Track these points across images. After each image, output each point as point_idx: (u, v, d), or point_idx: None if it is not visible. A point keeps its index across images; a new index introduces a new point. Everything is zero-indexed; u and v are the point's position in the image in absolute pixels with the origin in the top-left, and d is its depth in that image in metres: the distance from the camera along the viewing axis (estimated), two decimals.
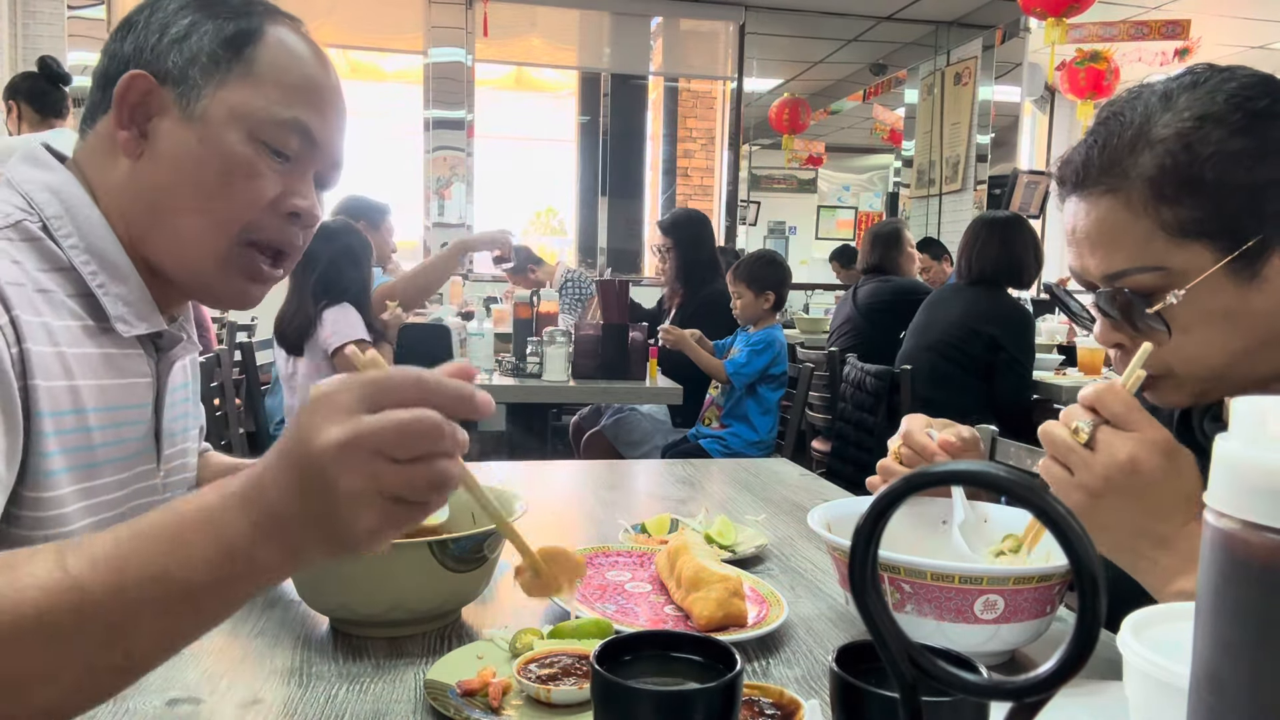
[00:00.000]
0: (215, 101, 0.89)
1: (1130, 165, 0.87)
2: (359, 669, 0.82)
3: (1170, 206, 0.85)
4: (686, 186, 7.87)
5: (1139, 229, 0.87)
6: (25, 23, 5.51)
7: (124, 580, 0.55)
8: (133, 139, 0.89)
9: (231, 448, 3.13)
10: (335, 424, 0.55)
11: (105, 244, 0.88)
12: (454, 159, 6.32)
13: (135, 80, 0.87)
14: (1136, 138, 0.87)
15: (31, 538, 0.79)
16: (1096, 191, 0.89)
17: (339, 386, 0.56)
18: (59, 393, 0.82)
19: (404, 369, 0.57)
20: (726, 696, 0.55)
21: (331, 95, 0.95)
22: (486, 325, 3.29)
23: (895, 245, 4.25)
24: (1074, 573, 0.38)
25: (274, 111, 0.90)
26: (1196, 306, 0.86)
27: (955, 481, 0.42)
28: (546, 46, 7.07)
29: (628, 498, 1.49)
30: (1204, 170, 0.84)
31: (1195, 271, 0.85)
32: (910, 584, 0.82)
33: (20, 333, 0.78)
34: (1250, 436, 0.33)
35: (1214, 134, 0.85)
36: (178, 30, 0.89)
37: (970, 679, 0.43)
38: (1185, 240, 0.85)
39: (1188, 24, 5.95)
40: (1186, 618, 0.37)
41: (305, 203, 0.94)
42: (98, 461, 0.88)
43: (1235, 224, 0.84)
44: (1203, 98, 0.87)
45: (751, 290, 3.47)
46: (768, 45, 7.28)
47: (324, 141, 0.94)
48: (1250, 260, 0.85)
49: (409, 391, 0.56)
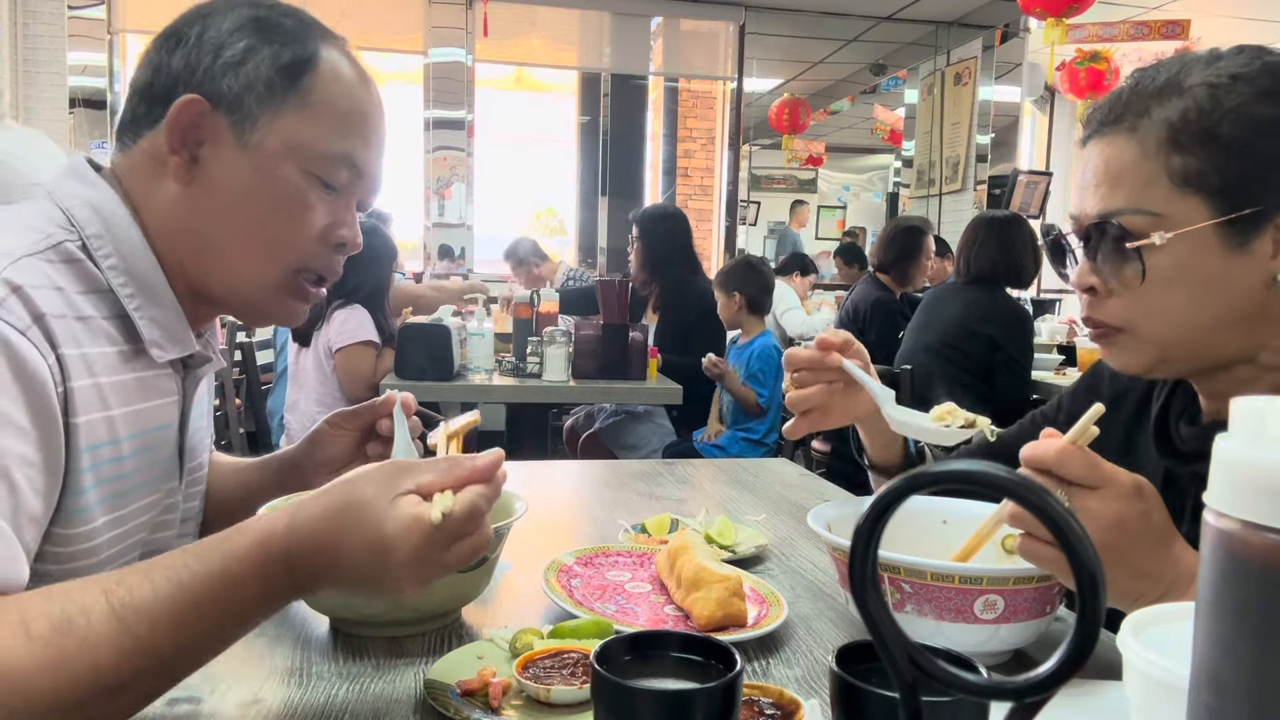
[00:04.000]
0: (271, 132, 0.88)
1: (1155, 107, 0.87)
2: (359, 669, 0.82)
3: (1181, 154, 0.85)
4: (686, 186, 7.87)
5: (1145, 170, 0.87)
6: (25, 23, 5.51)
7: (189, 640, 0.65)
8: (183, 164, 0.87)
9: (231, 447, 3.13)
10: (419, 580, 0.69)
11: (143, 265, 0.87)
12: (454, 159, 6.32)
13: (189, 105, 0.85)
14: (1169, 84, 0.88)
15: (60, 573, 0.79)
16: (1116, 129, 0.90)
17: (419, 541, 0.68)
18: (97, 425, 0.81)
19: (468, 509, 0.70)
20: (726, 696, 0.55)
21: (378, 124, 0.96)
22: (487, 325, 3.29)
23: (912, 257, 4.15)
24: (1074, 573, 0.38)
25: (327, 146, 0.90)
26: (1176, 257, 0.86)
27: (955, 481, 0.42)
28: (546, 46, 7.07)
29: (628, 498, 1.49)
30: (1222, 124, 0.84)
31: (1187, 224, 0.85)
32: (910, 584, 0.82)
33: (66, 370, 0.77)
34: (1250, 437, 0.33)
35: (1242, 91, 0.85)
36: (233, 54, 0.87)
37: (970, 679, 0.43)
38: (1186, 191, 0.85)
39: (1188, 24, 5.95)
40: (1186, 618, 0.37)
41: (350, 233, 0.95)
42: (129, 489, 0.87)
43: (1238, 186, 0.84)
44: (1244, 61, 0.87)
45: (723, 292, 3.57)
46: (768, 45, 7.27)
47: (369, 172, 0.95)
48: (1243, 228, 0.84)
49: (472, 523, 0.70)
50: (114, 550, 0.86)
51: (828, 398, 1.06)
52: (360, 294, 3.09)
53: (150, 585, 0.64)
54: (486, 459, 0.74)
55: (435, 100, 6.33)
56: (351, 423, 1.10)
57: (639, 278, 3.99)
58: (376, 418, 1.09)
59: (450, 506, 0.69)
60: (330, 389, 3.13)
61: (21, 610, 0.62)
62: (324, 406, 3.13)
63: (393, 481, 0.70)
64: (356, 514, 0.68)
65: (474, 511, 0.70)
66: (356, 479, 0.71)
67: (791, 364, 1.07)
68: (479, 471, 0.72)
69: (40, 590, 0.65)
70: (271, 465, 1.14)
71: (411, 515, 0.68)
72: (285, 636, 0.89)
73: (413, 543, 0.67)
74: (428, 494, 0.70)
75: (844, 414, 1.10)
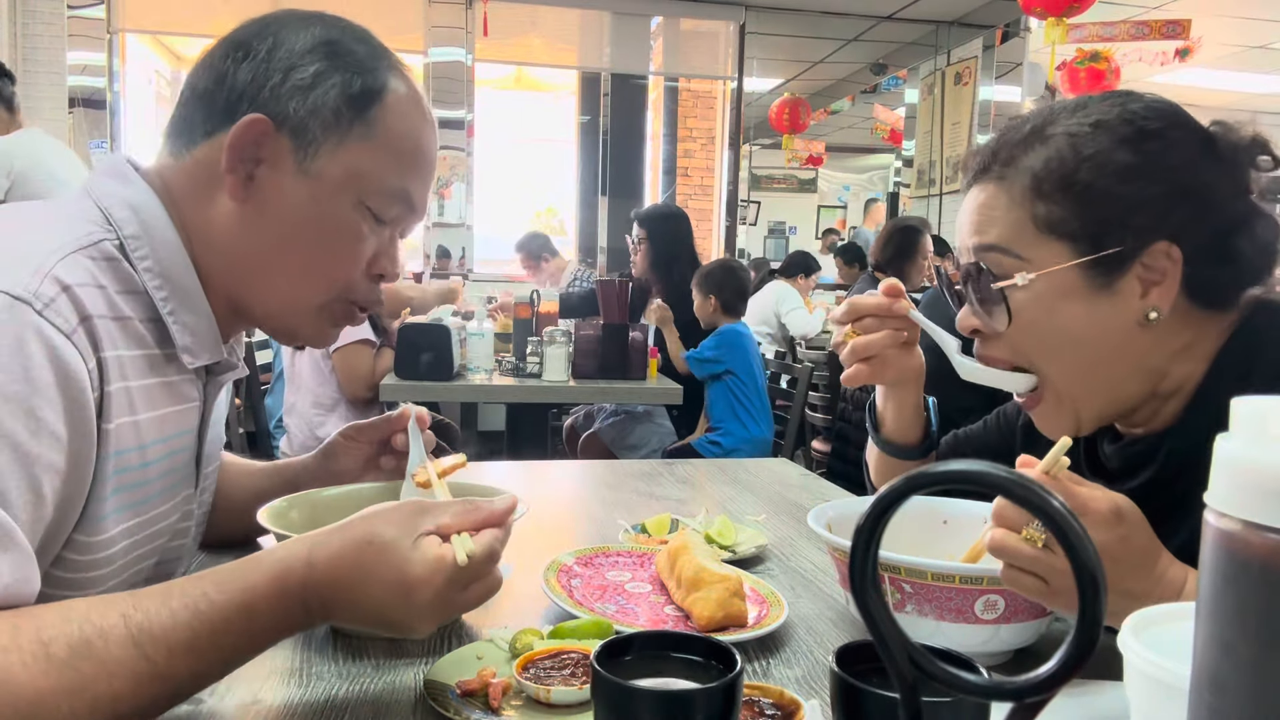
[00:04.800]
0: (333, 161, 0.86)
1: (1021, 157, 0.91)
2: (359, 669, 0.82)
3: (1044, 202, 0.89)
4: (686, 186, 7.86)
5: (1012, 217, 0.91)
6: (25, 23, 5.51)
7: (204, 668, 0.67)
8: (239, 182, 0.85)
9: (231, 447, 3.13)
10: (435, 620, 0.72)
11: (179, 269, 0.85)
12: (454, 159, 6.32)
13: (255, 124, 0.83)
14: (1033, 133, 0.92)
15: (75, 580, 0.79)
16: (986, 179, 0.94)
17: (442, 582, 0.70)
18: (124, 430, 0.80)
19: (487, 551, 0.73)
20: (726, 696, 0.55)
21: (433, 158, 0.95)
22: (487, 325, 3.29)
23: (909, 256, 4.12)
24: (1074, 573, 0.38)
25: (387, 182, 0.89)
26: (1042, 299, 0.90)
27: (955, 481, 0.42)
28: (546, 46, 7.07)
29: (628, 498, 1.49)
30: (1080, 171, 0.88)
31: (1051, 266, 0.89)
32: (910, 584, 0.82)
33: (105, 374, 0.76)
34: (1251, 437, 0.33)
35: (1100, 140, 0.88)
36: (303, 77, 0.85)
37: (970, 679, 0.43)
38: (1049, 238, 0.89)
39: (1188, 24, 5.94)
40: (1186, 618, 0.37)
41: (391, 265, 0.94)
42: (147, 498, 0.86)
43: (1098, 230, 0.87)
44: (1106, 108, 0.90)
45: (700, 292, 3.66)
46: (768, 45, 7.28)
47: (420, 207, 0.94)
48: (1105, 269, 0.88)
49: (488, 566, 0.73)
50: (130, 558, 0.85)
51: (892, 346, 1.06)
52: None
53: (169, 612, 0.65)
54: (502, 506, 0.76)
55: (435, 100, 6.32)
56: (365, 436, 1.10)
57: (649, 277, 4.00)
58: (391, 432, 1.09)
59: (473, 549, 0.71)
60: (329, 390, 3.13)
61: (39, 629, 0.62)
62: (322, 408, 3.13)
63: (413, 521, 0.71)
64: (379, 554, 0.69)
65: (491, 555, 0.73)
66: (375, 518, 0.72)
67: (856, 310, 1.06)
68: (495, 516, 0.75)
69: (57, 607, 0.65)
70: (284, 474, 1.14)
71: (435, 556, 0.70)
72: None
73: (437, 584, 0.69)
74: (445, 535, 0.72)
75: (899, 370, 1.10)
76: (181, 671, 0.65)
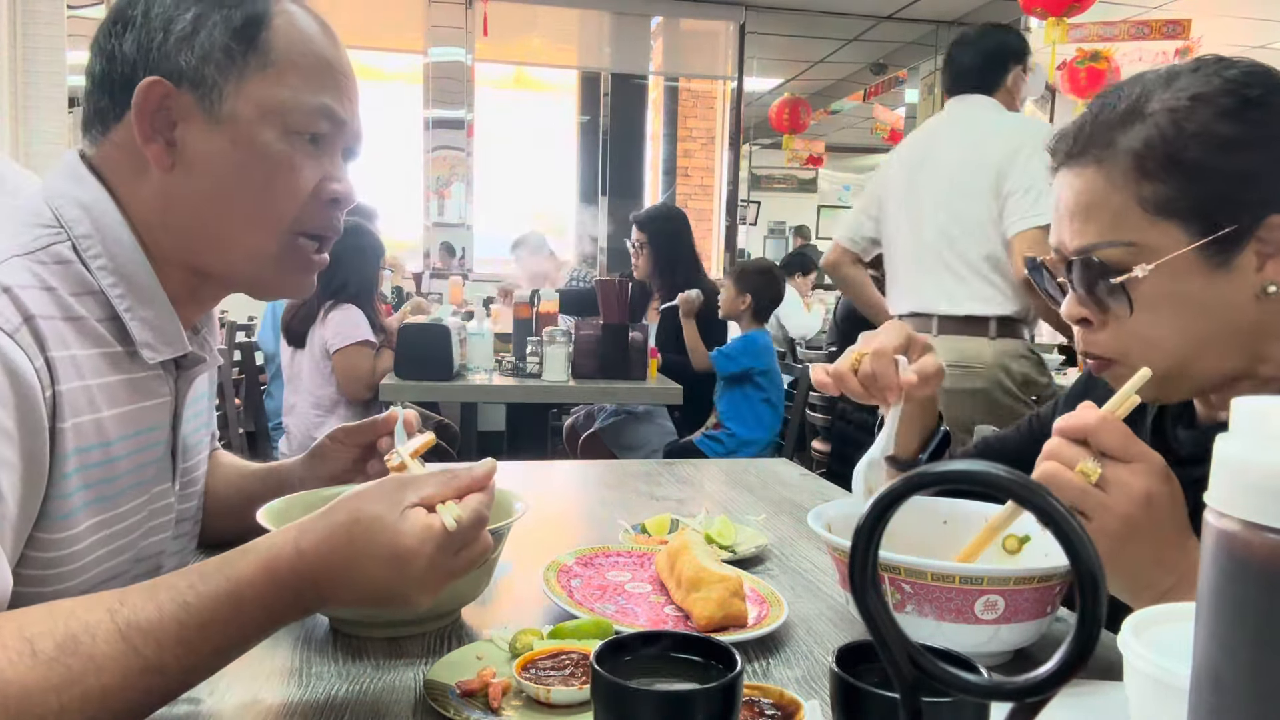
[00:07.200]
0: (240, 100, 0.85)
1: (1119, 137, 0.87)
2: (359, 669, 0.82)
3: (1150, 182, 0.85)
4: (686, 186, 7.87)
5: (1115, 201, 0.87)
6: (25, 23, 5.50)
7: (196, 660, 0.66)
8: (162, 150, 0.84)
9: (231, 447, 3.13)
10: (431, 588, 0.72)
11: (133, 265, 0.85)
12: (454, 159, 6.33)
13: (152, 88, 0.82)
14: (1130, 111, 0.88)
15: (42, 578, 0.78)
16: (1082, 162, 0.90)
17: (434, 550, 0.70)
18: (85, 428, 0.79)
19: (474, 515, 0.73)
20: (726, 697, 0.55)
21: (346, 68, 0.93)
22: (486, 325, 3.29)
23: None
24: (1074, 573, 0.38)
25: (301, 101, 0.87)
26: (1162, 286, 0.86)
27: (956, 481, 0.42)
28: (546, 46, 7.07)
29: (628, 498, 1.49)
30: (1187, 149, 0.84)
31: (1165, 251, 0.85)
32: (910, 584, 0.82)
33: (55, 374, 0.76)
34: (1250, 436, 0.33)
35: (1203, 114, 0.84)
36: (183, 26, 0.84)
37: (970, 679, 0.43)
38: (1160, 219, 0.85)
39: (1188, 24, 5.95)
40: (1186, 618, 0.37)
41: (342, 186, 0.92)
42: (118, 491, 0.86)
43: (1211, 209, 0.84)
44: (1201, 80, 0.86)
45: (735, 287, 3.65)
46: (768, 45, 7.28)
47: (348, 118, 0.92)
48: (1223, 248, 0.84)
49: (476, 530, 0.73)
50: (101, 552, 0.85)
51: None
52: (348, 291, 3.09)
53: (155, 605, 0.65)
54: (482, 470, 0.76)
55: (435, 100, 6.33)
56: (353, 438, 1.09)
57: (652, 279, 4.00)
58: (378, 435, 1.08)
59: (459, 514, 0.71)
60: (329, 390, 3.13)
61: (23, 627, 0.62)
62: (322, 409, 3.13)
63: (398, 495, 0.71)
64: (369, 530, 0.69)
65: (479, 519, 0.73)
66: (358, 497, 0.71)
67: (876, 361, 1.00)
68: (476, 481, 0.75)
69: (43, 606, 0.65)
70: (274, 477, 1.14)
71: (424, 525, 0.70)
72: (285, 636, 0.89)
73: (428, 552, 0.69)
74: (430, 506, 0.72)
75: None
76: (172, 664, 0.64)
